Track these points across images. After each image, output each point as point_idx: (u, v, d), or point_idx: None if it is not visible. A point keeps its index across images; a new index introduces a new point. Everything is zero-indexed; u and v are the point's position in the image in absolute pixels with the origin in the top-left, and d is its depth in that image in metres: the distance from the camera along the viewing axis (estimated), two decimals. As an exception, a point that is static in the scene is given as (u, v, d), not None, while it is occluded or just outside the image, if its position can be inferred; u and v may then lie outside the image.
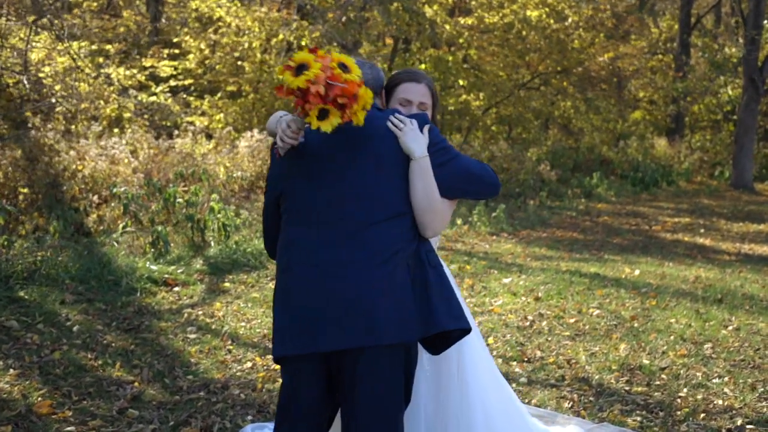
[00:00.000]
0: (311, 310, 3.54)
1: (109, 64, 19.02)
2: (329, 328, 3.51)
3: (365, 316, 3.50)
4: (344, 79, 3.45)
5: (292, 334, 3.57)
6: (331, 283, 3.54)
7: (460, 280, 10.08)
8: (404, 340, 3.56)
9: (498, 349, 7.33)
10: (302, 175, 3.71)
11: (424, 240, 3.77)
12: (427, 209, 3.68)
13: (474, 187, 3.87)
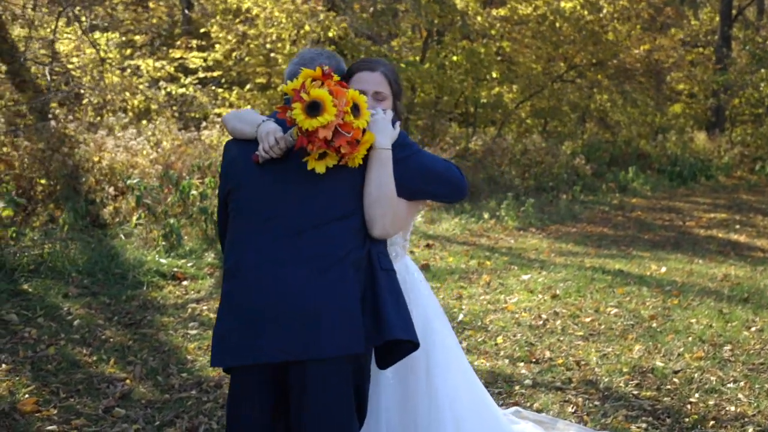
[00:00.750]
0: (251, 317, 3.34)
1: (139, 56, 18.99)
2: (269, 338, 3.30)
3: (306, 326, 3.29)
4: (354, 126, 3.32)
5: (231, 342, 3.37)
6: (270, 289, 3.33)
7: (478, 276, 9.84)
8: (349, 352, 3.34)
9: (506, 349, 7.08)
10: (249, 172, 3.51)
11: (377, 241, 3.53)
12: (376, 202, 3.44)
13: (434, 188, 3.60)
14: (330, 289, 3.31)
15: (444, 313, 4.10)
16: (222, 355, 3.38)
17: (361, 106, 3.41)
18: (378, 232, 3.47)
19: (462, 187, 3.64)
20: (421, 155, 3.60)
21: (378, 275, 3.44)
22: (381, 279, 3.43)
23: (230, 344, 3.35)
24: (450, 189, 3.62)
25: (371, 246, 3.48)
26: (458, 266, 10.44)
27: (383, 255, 3.53)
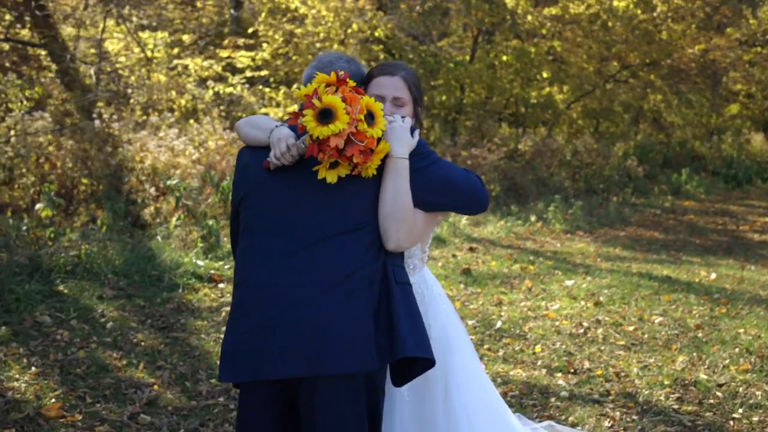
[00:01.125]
0: (259, 331, 3.20)
1: (187, 55, 19.02)
2: (276, 353, 3.17)
3: (314, 342, 3.15)
4: (367, 135, 3.18)
5: (238, 356, 3.24)
6: (278, 303, 3.19)
7: (520, 281, 9.64)
8: (359, 369, 3.18)
9: (543, 358, 6.88)
10: (261, 180, 3.38)
11: (392, 254, 3.37)
12: (391, 214, 3.29)
13: (452, 200, 3.43)
14: (340, 304, 3.17)
15: (465, 330, 3.93)
16: (230, 369, 3.25)
17: (376, 114, 3.26)
18: (392, 246, 3.32)
19: (482, 199, 3.47)
20: (440, 165, 3.43)
21: (393, 289, 3.28)
22: (396, 293, 3.28)
23: (238, 359, 3.23)
24: (469, 201, 3.46)
25: (386, 259, 3.33)
26: (500, 271, 10.24)
27: (399, 268, 3.37)
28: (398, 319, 3.23)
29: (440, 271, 10.02)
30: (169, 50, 17.57)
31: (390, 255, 3.35)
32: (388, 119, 3.42)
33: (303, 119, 3.18)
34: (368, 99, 3.26)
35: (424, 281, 3.77)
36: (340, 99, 3.18)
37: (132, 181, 11.37)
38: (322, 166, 3.23)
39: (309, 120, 3.17)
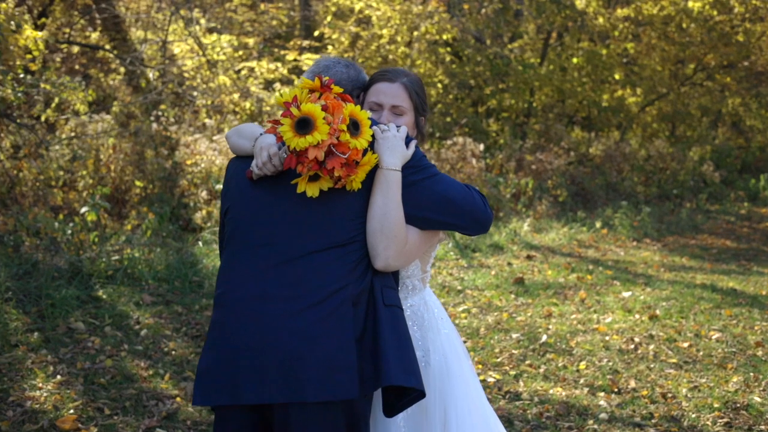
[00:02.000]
0: (234, 351, 2.98)
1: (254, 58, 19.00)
2: (251, 376, 2.94)
3: (290, 366, 2.91)
4: (351, 147, 2.94)
5: (212, 378, 3.01)
6: (254, 322, 2.97)
7: (574, 292, 9.27)
8: (337, 397, 2.92)
9: (587, 376, 6.55)
10: (244, 190, 3.16)
11: (383, 273, 3.12)
12: (380, 231, 3.04)
13: (449, 218, 3.16)
14: (320, 325, 2.93)
15: (467, 354, 3.65)
16: (203, 392, 3.04)
17: (362, 123, 3.01)
18: (381, 265, 3.07)
19: (483, 220, 3.20)
20: (436, 180, 3.17)
21: (380, 312, 3.03)
22: (383, 317, 3.03)
23: (212, 380, 3.02)
24: (468, 221, 3.18)
25: (375, 279, 3.08)
26: (555, 280, 9.89)
27: (389, 289, 3.12)
28: (384, 344, 2.98)
29: (492, 280, 9.71)
30: (234, 53, 17.53)
31: (379, 275, 3.10)
32: (382, 128, 3.17)
33: (280, 129, 2.96)
34: (352, 107, 3.01)
35: (424, 303, 3.50)
36: (320, 107, 2.94)
37: (184, 184, 11.29)
38: (302, 179, 2.99)
39: (286, 130, 2.94)
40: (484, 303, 8.68)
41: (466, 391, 3.50)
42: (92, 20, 18.67)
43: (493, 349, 7.14)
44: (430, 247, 3.40)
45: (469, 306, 8.55)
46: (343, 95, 3.09)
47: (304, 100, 3.00)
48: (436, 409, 3.41)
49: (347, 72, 3.42)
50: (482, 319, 8.09)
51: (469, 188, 3.21)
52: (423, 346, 3.43)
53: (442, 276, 9.85)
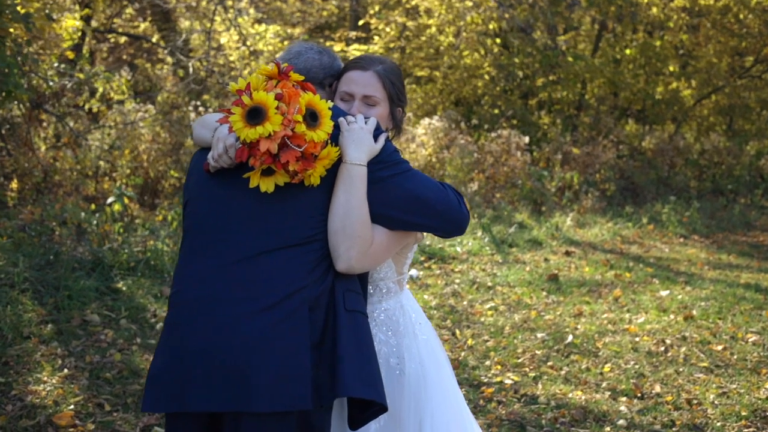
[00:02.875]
0: (184, 355, 2.79)
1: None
2: (200, 383, 2.75)
3: (240, 372, 2.71)
4: (307, 139, 2.73)
5: (162, 384, 2.83)
6: (203, 329, 2.78)
7: (609, 291, 8.97)
8: (289, 408, 2.72)
9: (610, 379, 6.28)
10: (202, 183, 2.98)
11: (346, 276, 2.91)
12: (342, 230, 2.83)
13: (419, 219, 2.94)
14: (272, 330, 2.73)
15: (447, 361, 3.43)
16: (152, 398, 2.86)
17: (321, 114, 2.79)
18: (342, 266, 2.86)
19: (457, 221, 2.98)
20: (408, 177, 2.95)
21: (340, 318, 2.82)
22: (343, 322, 2.82)
23: (161, 387, 2.84)
24: (441, 222, 2.97)
25: (336, 281, 2.87)
26: (591, 278, 9.58)
27: (351, 293, 2.90)
28: (342, 352, 2.78)
29: (525, 276, 9.45)
30: (279, 43, 17.42)
31: (342, 277, 2.90)
32: (348, 119, 2.97)
33: (231, 118, 2.76)
34: (310, 96, 2.80)
35: (400, 307, 3.28)
36: (272, 97, 2.74)
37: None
38: (254, 173, 2.79)
39: (236, 120, 2.74)
40: (513, 300, 8.43)
41: (445, 401, 3.29)
42: (142, 10, 18.73)
43: (515, 349, 6.90)
44: (405, 248, 3.19)
45: (497, 303, 8.31)
46: (304, 83, 2.89)
47: (259, 88, 2.81)
48: (410, 421, 3.20)
49: (319, 59, 3.22)
50: (509, 317, 7.85)
51: (444, 186, 3.00)
52: (398, 353, 3.22)
53: (474, 271, 9.62)
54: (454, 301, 8.32)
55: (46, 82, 9.53)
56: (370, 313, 3.20)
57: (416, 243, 3.25)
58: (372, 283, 3.19)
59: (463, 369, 6.40)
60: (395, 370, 3.20)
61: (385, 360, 3.19)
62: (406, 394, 3.19)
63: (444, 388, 3.29)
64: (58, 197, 10.33)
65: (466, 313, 7.95)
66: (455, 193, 3.02)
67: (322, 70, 3.20)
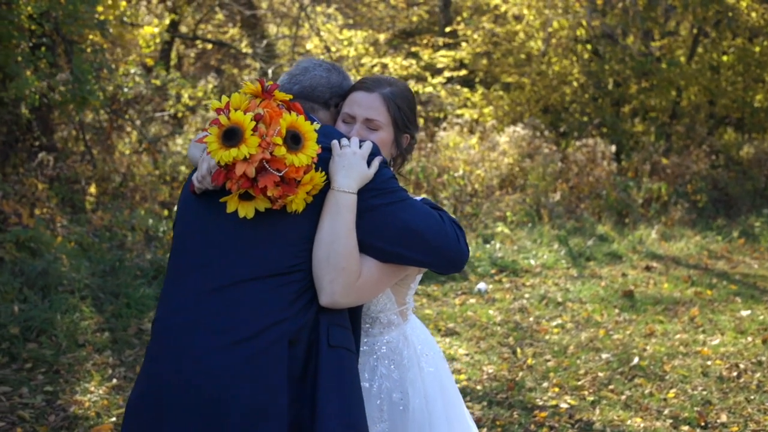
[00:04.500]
0: (158, 385, 2.66)
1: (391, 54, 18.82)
2: (173, 416, 2.60)
3: (213, 410, 2.56)
4: (288, 163, 2.57)
5: (138, 415, 2.71)
6: (178, 357, 2.63)
7: (686, 309, 8.59)
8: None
9: (674, 406, 5.95)
10: (188, 205, 2.85)
11: (331, 309, 2.71)
12: (326, 260, 2.65)
13: (411, 252, 2.74)
14: (247, 367, 2.57)
15: (457, 394, 3.22)
16: (128, 429, 2.75)
17: (305, 137, 2.62)
18: (326, 300, 2.67)
19: (452, 258, 2.77)
20: (401, 207, 2.74)
21: (323, 354, 2.64)
22: (325, 359, 2.64)
23: (136, 418, 2.72)
24: (434, 258, 2.77)
25: (321, 315, 2.69)
26: (669, 295, 9.19)
27: (337, 327, 2.71)
28: (323, 392, 2.61)
29: (599, 292, 9.12)
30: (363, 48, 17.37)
31: (328, 310, 2.71)
32: (342, 143, 2.79)
33: (206, 138, 2.62)
34: (293, 118, 2.62)
35: (404, 338, 3.08)
36: (250, 117, 2.58)
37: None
38: (231, 197, 2.64)
39: (212, 140, 2.59)
40: (583, 318, 8.13)
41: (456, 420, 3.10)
42: (232, 16, 18.91)
43: (576, 371, 6.63)
44: (407, 278, 2.99)
45: (565, 320, 8.02)
46: (292, 104, 2.72)
47: (240, 107, 2.65)
48: None
49: (327, 76, 3.06)
50: (575, 335, 7.56)
51: (443, 219, 2.79)
52: (401, 387, 3.03)
53: (545, 286, 9.33)
54: (519, 317, 8.07)
55: (121, 89, 9.62)
56: (371, 346, 3.04)
57: (419, 274, 3.05)
58: (369, 316, 3.01)
59: (518, 390, 6.16)
60: (398, 406, 3.02)
61: (387, 395, 3.02)
62: (410, 430, 3.01)
63: (450, 424, 3.09)
64: (133, 203, 10.43)
65: (531, 330, 7.70)
66: (455, 226, 2.81)
67: (329, 88, 3.04)
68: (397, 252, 2.73)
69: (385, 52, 19.49)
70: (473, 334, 7.52)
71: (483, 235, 11.31)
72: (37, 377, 5.94)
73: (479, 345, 7.27)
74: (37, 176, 9.52)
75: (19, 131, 10.09)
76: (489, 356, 6.97)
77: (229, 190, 2.62)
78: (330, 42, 17.07)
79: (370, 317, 3.01)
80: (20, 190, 8.87)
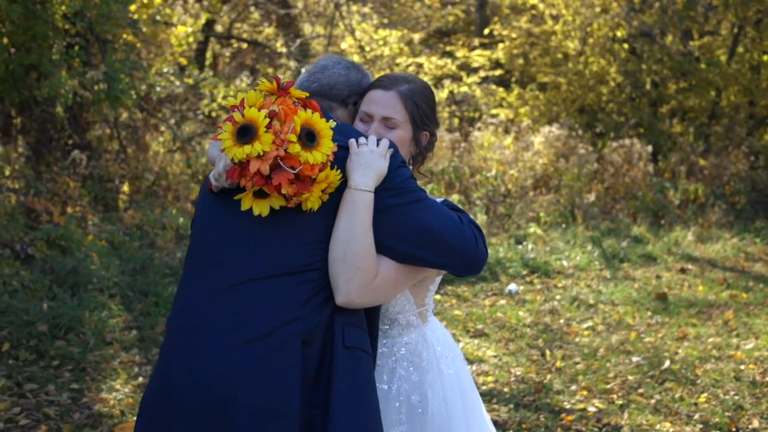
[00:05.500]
0: (169, 384, 2.64)
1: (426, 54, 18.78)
2: (183, 416, 2.58)
3: (223, 409, 2.53)
4: (301, 161, 2.53)
5: (149, 414, 2.69)
6: (191, 356, 2.61)
7: (720, 312, 8.45)
8: None
9: (704, 411, 5.85)
10: (206, 203, 2.83)
11: (346, 309, 2.67)
12: (341, 260, 2.61)
13: (428, 254, 2.69)
14: (258, 366, 2.53)
15: (477, 397, 3.17)
16: (140, 427, 2.73)
17: (320, 134, 2.58)
18: (341, 299, 2.62)
19: (471, 260, 2.72)
20: (420, 207, 2.69)
21: (337, 355, 2.60)
22: (340, 360, 2.60)
23: (148, 417, 2.70)
24: (451, 260, 2.71)
25: (336, 314, 2.65)
26: (704, 298, 9.05)
27: (353, 328, 2.67)
28: (337, 393, 2.58)
29: (633, 294, 9.00)
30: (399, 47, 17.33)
31: (343, 310, 2.67)
32: (360, 141, 2.75)
33: (220, 135, 2.60)
34: (308, 115, 2.59)
35: (423, 340, 3.02)
36: (264, 114, 2.55)
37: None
38: (245, 194, 2.61)
39: (226, 137, 2.57)
40: (614, 320, 8.02)
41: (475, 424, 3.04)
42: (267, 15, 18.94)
43: (606, 374, 6.53)
44: (425, 280, 2.94)
45: (596, 323, 7.92)
46: (308, 101, 2.69)
47: (255, 104, 2.62)
48: None
49: (346, 74, 3.01)
50: (605, 338, 7.47)
51: (462, 220, 2.73)
52: (420, 390, 2.98)
53: (577, 288, 9.23)
54: (549, 319, 7.98)
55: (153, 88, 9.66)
56: (390, 348, 2.99)
57: (439, 276, 3.00)
58: (387, 317, 2.97)
59: (546, 393, 6.09)
60: (417, 408, 2.97)
61: (406, 397, 2.97)
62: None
63: (470, 428, 3.04)
64: (165, 202, 10.47)
65: (561, 332, 7.61)
66: (474, 228, 2.75)
67: (347, 86, 3.00)
68: (414, 253, 2.69)
69: (421, 51, 19.45)
70: (502, 336, 7.45)
71: (515, 235, 11.22)
72: (63, 374, 5.96)
73: (508, 347, 7.20)
74: (70, 175, 9.58)
75: (53, 130, 10.17)
76: (517, 358, 6.90)
77: (243, 187, 2.59)
78: (365, 42, 17.06)
79: (389, 318, 2.97)
80: (52, 189, 8.93)
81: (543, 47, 18.44)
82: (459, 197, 11.03)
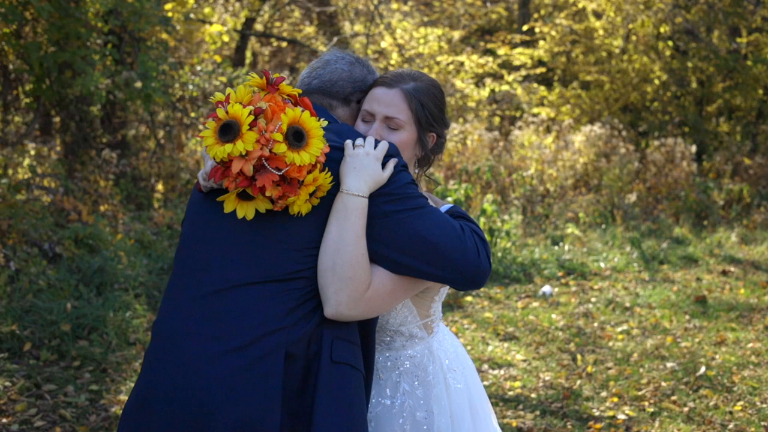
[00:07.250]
0: (149, 392, 2.52)
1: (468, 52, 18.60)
2: (162, 427, 2.46)
3: (201, 422, 2.40)
4: (289, 161, 2.39)
5: (130, 423, 2.57)
6: (171, 365, 2.48)
7: (762, 316, 8.18)
8: None
9: (739, 420, 5.64)
10: (195, 204, 2.71)
11: (336, 322, 2.52)
12: (331, 269, 2.45)
13: (425, 266, 2.51)
14: (239, 378, 2.40)
15: (489, 412, 3.01)
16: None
17: (309, 134, 2.43)
18: (330, 311, 2.46)
19: (471, 274, 2.54)
20: (418, 215, 2.52)
21: (323, 370, 2.46)
22: (325, 376, 2.45)
23: (128, 426, 2.58)
24: (451, 273, 2.53)
25: (325, 326, 2.50)
26: (745, 301, 8.78)
27: (342, 341, 2.52)
28: (320, 410, 2.44)
29: (671, 296, 8.76)
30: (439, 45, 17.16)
31: (333, 323, 2.52)
32: (356, 142, 2.60)
33: (202, 133, 2.47)
34: (296, 113, 2.43)
35: (429, 353, 2.86)
36: (247, 111, 2.41)
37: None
38: (228, 196, 2.48)
39: (208, 135, 2.44)
40: (650, 324, 7.80)
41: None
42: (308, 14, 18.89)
43: (638, 380, 6.33)
44: (429, 290, 2.78)
45: (631, 326, 7.71)
46: (300, 98, 2.55)
47: (242, 100, 2.49)
48: None
49: (350, 70, 2.85)
50: (640, 342, 7.26)
51: (464, 230, 2.56)
52: (425, 406, 2.82)
53: (614, 290, 9.01)
54: (583, 323, 7.79)
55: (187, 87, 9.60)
56: (394, 361, 2.84)
57: (444, 286, 2.83)
58: (389, 329, 2.81)
59: (574, 400, 5.91)
60: (422, 425, 2.80)
61: (410, 414, 2.81)
62: None
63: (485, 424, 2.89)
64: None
65: (594, 336, 7.42)
66: (477, 239, 2.57)
67: (350, 83, 2.84)
68: (409, 263, 2.52)
69: (462, 49, 19.27)
70: (533, 339, 7.28)
71: (552, 236, 11.02)
72: (83, 375, 5.90)
73: (538, 351, 7.03)
74: (101, 173, 9.56)
75: (88, 128, 10.16)
76: (547, 363, 6.72)
77: (225, 188, 2.47)
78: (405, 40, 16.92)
79: (391, 330, 2.81)
80: (83, 187, 8.91)
81: (586, 45, 18.18)
82: (495, 197, 10.83)
